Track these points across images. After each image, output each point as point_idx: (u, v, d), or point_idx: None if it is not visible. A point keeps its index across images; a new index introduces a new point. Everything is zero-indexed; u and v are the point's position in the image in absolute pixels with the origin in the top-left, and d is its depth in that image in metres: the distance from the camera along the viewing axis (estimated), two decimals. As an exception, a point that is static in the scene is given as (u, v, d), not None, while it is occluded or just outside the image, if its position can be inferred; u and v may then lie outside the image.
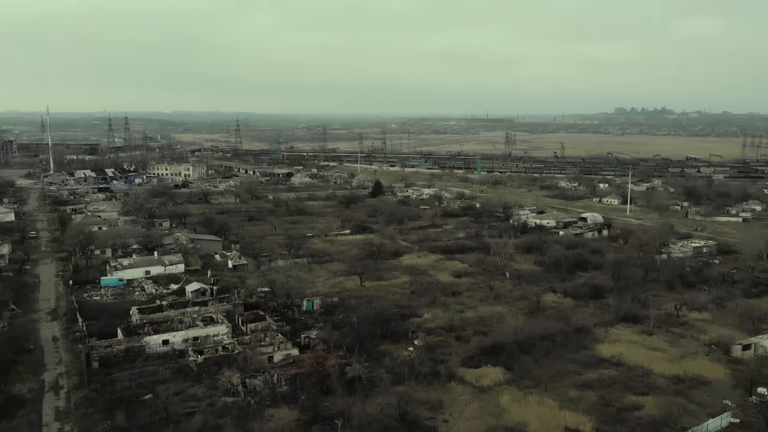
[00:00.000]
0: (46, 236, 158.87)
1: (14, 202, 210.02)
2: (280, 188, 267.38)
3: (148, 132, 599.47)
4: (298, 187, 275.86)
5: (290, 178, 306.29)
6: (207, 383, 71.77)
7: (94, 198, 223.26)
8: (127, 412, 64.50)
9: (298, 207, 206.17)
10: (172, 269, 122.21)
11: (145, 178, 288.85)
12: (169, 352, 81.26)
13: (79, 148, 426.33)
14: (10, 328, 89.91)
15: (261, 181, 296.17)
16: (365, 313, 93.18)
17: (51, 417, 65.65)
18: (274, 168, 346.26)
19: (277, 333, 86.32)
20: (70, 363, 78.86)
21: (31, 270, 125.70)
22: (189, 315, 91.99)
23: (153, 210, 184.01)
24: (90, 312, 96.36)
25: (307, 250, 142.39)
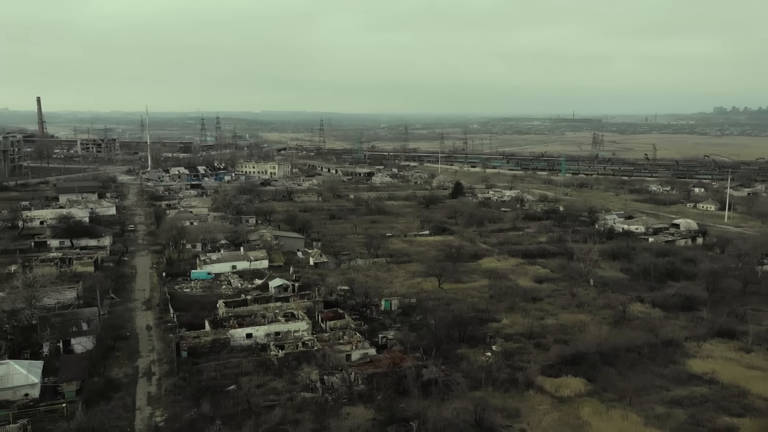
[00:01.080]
0: (143, 230, 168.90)
1: (116, 196, 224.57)
2: (361, 187, 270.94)
3: (237, 131, 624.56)
4: (379, 186, 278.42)
5: (371, 178, 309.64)
6: (287, 378, 73.87)
7: (186, 194, 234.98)
8: (212, 401, 67.49)
9: (378, 206, 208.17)
10: (257, 265, 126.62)
11: (233, 176, 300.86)
12: (252, 345, 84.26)
13: (174, 146, 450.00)
14: (109, 315, 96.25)
15: (343, 180, 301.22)
16: (443, 316, 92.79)
17: (144, 401, 69.81)
18: (356, 167, 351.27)
19: (355, 332, 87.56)
20: (162, 351, 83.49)
21: (128, 261, 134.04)
22: (271, 310, 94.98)
23: (240, 207, 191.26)
24: (181, 303, 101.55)
25: (386, 250, 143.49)
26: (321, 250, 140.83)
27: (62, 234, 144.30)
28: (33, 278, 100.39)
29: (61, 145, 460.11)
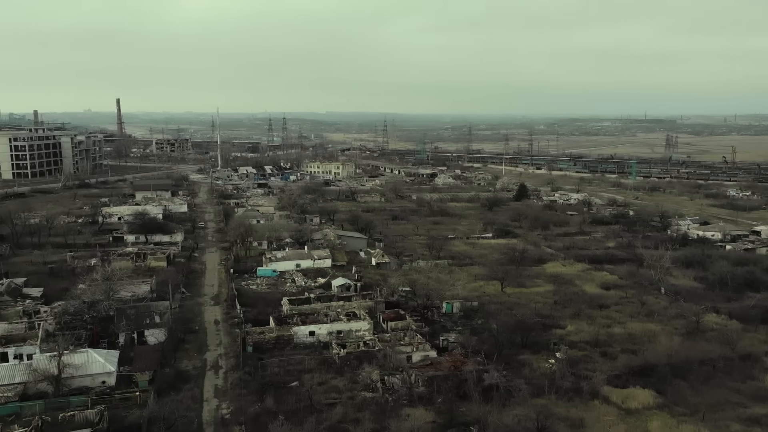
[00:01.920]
0: (212, 227, 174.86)
1: (187, 194, 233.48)
2: (423, 188, 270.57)
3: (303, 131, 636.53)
4: (442, 187, 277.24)
5: (434, 179, 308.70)
6: (348, 376, 74.74)
7: (253, 193, 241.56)
8: (276, 396, 69.18)
9: (440, 208, 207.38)
10: (320, 263, 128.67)
11: (299, 175, 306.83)
12: (314, 343, 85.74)
13: (243, 146, 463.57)
14: (180, 309, 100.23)
15: (405, 180, 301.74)
16: (505, 320, 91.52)
17: (211, 394, 72.31)
18: (419, 168, 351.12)
19: (416, 333, 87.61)
20: (229, 346, 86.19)
21: (199, 257, 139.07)
22: (334, 309, 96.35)
23: (305, 206, 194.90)
24: (247, 299, 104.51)
25: (448, 252, 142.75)
26: (383, 250, 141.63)
27: (138, 230, 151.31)
28: (111, 271, 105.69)
29: (138, 145, 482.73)
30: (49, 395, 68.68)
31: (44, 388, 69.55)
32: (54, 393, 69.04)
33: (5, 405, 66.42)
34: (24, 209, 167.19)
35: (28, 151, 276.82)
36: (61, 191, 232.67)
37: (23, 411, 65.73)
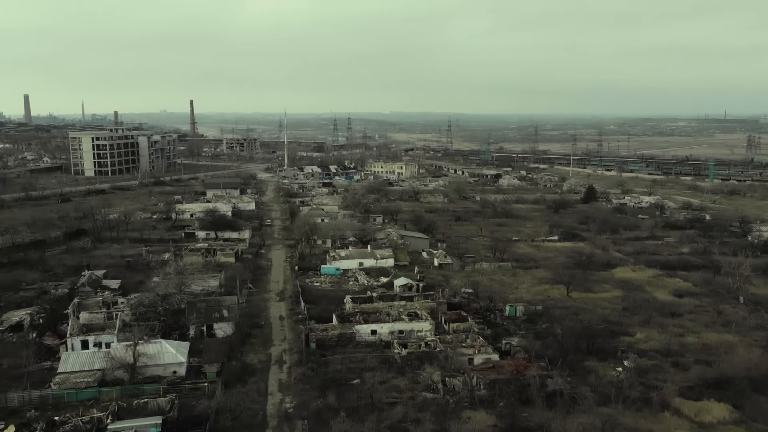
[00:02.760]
0: (278, 225, 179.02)
1: (255, 193, 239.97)
2: (487, 189, 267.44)
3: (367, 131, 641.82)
4: (506, 189, 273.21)
5: (498, 180, 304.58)
6: (409, 376, 74.88)
7: (318, 192, 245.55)
8: (338, 393, 70.11)
9: (504, 209, 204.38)
10: (383, 263, 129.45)
11: (362, 175, 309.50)
12: (376, 341, 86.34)
13: (309, 146, 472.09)
14: (247, 304, 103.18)
15: (469, 181, 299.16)
16: (571, 326, 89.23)
17: (275, 387, 74.11)
18: (483, 169, 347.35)
19: (478, 336, 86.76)
20: (292, 341, 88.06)
21: (265, 254, 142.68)
22: (396, 308, 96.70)
23: (368, 205, 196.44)
24: (311, 296, 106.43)
25: (512, 254, 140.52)
26: (446, 251, 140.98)
27: (208, 226, 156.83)
28: (183, 266, 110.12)
29: (209, 144, 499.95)
30: (124, 382, 72.28)
31: (120, 375, 73.24)
32: (129, 380, 72.60)
33: (85, 390, 70.36)
34: (104, 205, 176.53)
35: (108, 150, 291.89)
36: (137, 188, 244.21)
37: (101, 396, 69.47)
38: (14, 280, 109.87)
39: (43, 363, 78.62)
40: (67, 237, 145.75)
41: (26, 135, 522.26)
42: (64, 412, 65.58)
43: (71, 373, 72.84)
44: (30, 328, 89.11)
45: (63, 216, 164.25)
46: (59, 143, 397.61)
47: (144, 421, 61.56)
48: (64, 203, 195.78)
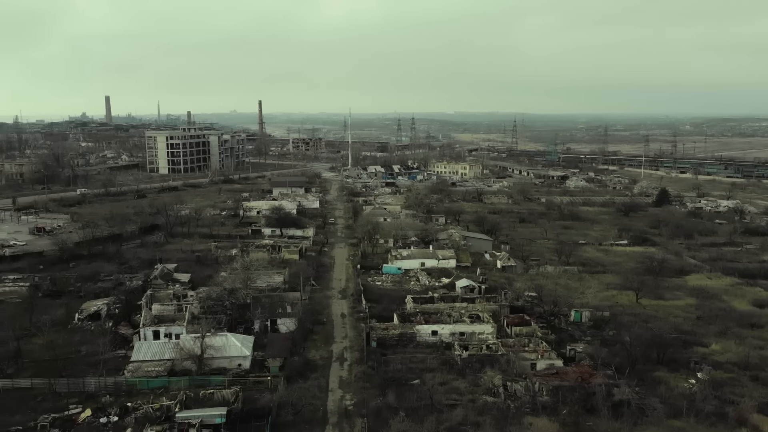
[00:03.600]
0: (341, 223, 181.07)
1: (319, 191, 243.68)
2: (553, 191, 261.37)
3: (431, 131, 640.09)
4: (573, 190, 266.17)
5: (565, 181, 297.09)
6: (470, 379, 74.04)
7: (381, 191, 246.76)
8: (397, 392, 70.11)
9: (571, 212, 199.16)
10: (445, 263, 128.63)
11: (425, 175, 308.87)
12: (437, 342, 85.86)
13: (372, 146, 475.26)
14: (310, 301, 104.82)
15: (534, 182, 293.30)
16: (640, 333, 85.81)
17: (336, 384, 74.91)
18: (549, 170, 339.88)
19: (541, 340, 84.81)
20: (354, 339, 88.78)
21: (328, 252, 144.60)
22: (457, 310, 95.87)
23: (431, 205, 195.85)
24: (372, 295, 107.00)
25: (579, 258, 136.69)
26: (509, 253, 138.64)
27: (274, 224, 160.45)
28: (249, 262, 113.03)
29: (276, 144, 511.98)
30: (192, 373, 74.85)
31: (188, 366, 75.90)
32: (196, 371, 75.13)
33: (156, 378, 73.37)
34: (176, 202, 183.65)
35: (181, 148, 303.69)
36: (208, 186, 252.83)
37: (170, 385, 72.21)
38: (93, 271, 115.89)
39: (118, 351, 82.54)
40: (142, 232, 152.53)
41: (107, 134, 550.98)
42: (136, 399, 68.61)
43: (143, 362, 76.09)
44: (107, 318, 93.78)
45: (138, 211, 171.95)
46: (136, 142, 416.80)
47: (210, 411, 63.49)
48: (139, 199, 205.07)
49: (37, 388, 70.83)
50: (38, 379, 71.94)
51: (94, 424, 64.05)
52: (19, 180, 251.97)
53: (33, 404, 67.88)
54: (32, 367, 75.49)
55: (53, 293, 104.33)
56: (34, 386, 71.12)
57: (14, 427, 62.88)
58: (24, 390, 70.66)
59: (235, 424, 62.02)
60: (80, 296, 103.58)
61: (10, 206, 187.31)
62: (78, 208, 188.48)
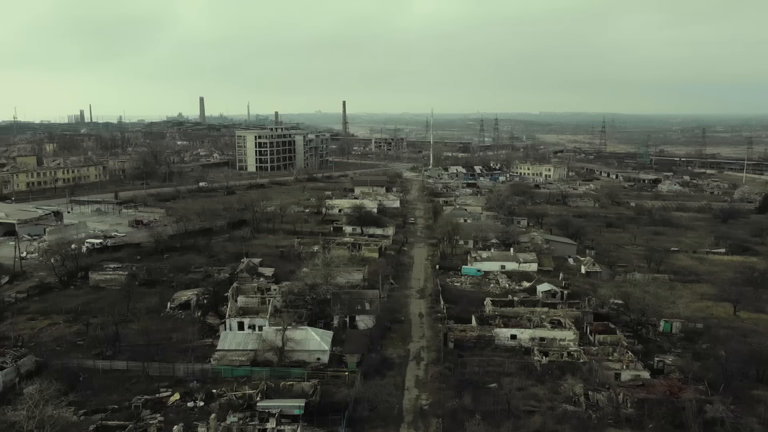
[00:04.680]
0: (421, 223, 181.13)
1: (400, 191, 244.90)
2: (644, 195, 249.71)
3: (514, 132, 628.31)
4: (666, 195, 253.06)
5: (657, 185, 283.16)
6: (549, 386, 72.06)
7: (462, 192, 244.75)
8: (474, 395, 69.29)
9: (663, 217, 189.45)
10: (525, 267, 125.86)
11: (508, 176, 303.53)
12: (515, 347, 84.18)
13: (454, 146, 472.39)
14: (388, 299, 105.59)
15: (623, 186, 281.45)
16: (737, 348, 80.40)
17: (412, 383, 75.02)
18: (640, 173, 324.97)
19: (627, 350, 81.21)
20: (431, 339, 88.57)
21: (407, 251, 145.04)
22: (538, 315, 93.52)
23: (513, 207, 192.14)
24: (450, 296, 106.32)
25: (670, 266, 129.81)
26: (594, 258, 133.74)
27: (355, 222, 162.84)
28: (330, 259, 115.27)
29: (359, 143, 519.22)
30: (273, 364, 77.29)
31: (270, 357, 78.42)
32: (277, 363, 77.51)
33: (239, 368, 76.34)
34: (263, 198, 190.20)
35: (268, 147, 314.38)
36: (293, 184, 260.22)
37: (253, 375, 74.92)
38: (185, 263, 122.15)
39: (205, 339, 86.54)
40: (230, 226, 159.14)
41: (200, 133, 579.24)
42: (221, 386, 71.68)
43: (228, 351, 79.35)
44: (196, 307, 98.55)
45: (227, 207, 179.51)
46: (227, 141, 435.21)
47: (289, 402, 65.32)
48: (228, 195, 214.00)
49: (132, 371, 75.56)
50: (133, 362, 76.73)
51: (182, 408, 67.51)
52: (121, 176, 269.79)
53: (128, 385, 72.43)
54: (128, 351, 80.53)
55: (148, 282, 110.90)
56: (130, 369, 75.92)
57: (111, 406, 67.34)
58: (120, 371, 75.56)
59: (312, 416, 63.48)
60: (172, 286, 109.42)
61: (112, 200, 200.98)
62: (172, 203, 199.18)
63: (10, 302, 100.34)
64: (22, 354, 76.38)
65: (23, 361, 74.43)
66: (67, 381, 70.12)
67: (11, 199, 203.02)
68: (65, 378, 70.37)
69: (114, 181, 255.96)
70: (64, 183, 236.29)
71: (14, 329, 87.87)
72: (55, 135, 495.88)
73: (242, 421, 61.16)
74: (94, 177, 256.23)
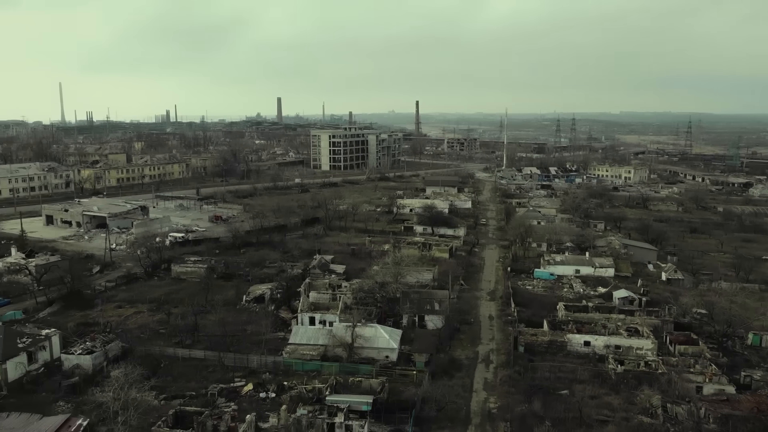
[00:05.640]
0: (493, 225, 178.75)
1: (472, 192, 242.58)
2: (733, 199, 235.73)
3: (592, 133, 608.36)
4: (758, 200, 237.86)
5: (748, 189, 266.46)
6: (624, 396, 69.42)
7: (536, 194, 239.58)
8: (544, 401, 67.75)
9: (754, 223, 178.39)
10: (602, 272, 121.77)
11: (584, 178, 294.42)
12: (589, 354, 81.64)
13: (529, 147, 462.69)
14: (458, 300, 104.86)
15: (710, 189, 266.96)
16: (835, 366, 74.57)
17: (480, 385, 74.24)
18: (729, 176, 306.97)
19: (710, 362, 77.07)
20: (501, 342, 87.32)
21: (478, 253, 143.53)
22: (613, 321, 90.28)
23: (589, 210, 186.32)
24: (522, 299, 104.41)
25: (761, 275, 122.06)
26: (676, 265, 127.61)
27: (425, 221, 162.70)
28: (401, 258, 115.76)
29: (431, 143, 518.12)
30: (342, 360, 78.48)
31: (339, 353, 79.67)
32: (346, 358, 78.63)
33: (310, 362, 78.00)
34: (335, 197, 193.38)
35: (342, 147, 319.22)
36: (365, 183, 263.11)
37: (322, 369, 76.39)
38: (260, 258, 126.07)
39: (278, 333, 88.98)
40: (304, 224, 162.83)
41: (277, 132, 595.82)
42: (292, 379, 73.50)
43: (299, 345, 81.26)
44: (270, 301, 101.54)
45: (301, 205, 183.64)
46: (302, 140, 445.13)
47: (358, 398, 66.11)
48: (303, 193, 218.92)
49: (209, 360, 78.77)
50: (210, 351, 80.00)
51: (255, 398, 69.73)
52: (202, 173, 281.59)
53: (205, 374, 75.57)
54: (205, 341, 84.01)
55: (226, 276, 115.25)
56: (207, 358, 79.19)
57: (189, 392, 70.49)
58: (198, 360, 78.95)
59: (380, 413, 63.98)
60: (248, 280, 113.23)
61: (194, 196, 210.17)
62: (250, 199, 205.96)
63: (100, 290, 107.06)
64: (110, 339, 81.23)
65: (111, 346, 79.17)
66: (150, 367, 74.05)
67: (103, 193, 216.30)
68: (148, 364, 74.32)
69: (196, 178, 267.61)
70: (150, 179, 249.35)
71: (103, 316, 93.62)
72: (143, 134, 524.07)
73: (311, 414, 62.45)
74: (177, 174, 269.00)
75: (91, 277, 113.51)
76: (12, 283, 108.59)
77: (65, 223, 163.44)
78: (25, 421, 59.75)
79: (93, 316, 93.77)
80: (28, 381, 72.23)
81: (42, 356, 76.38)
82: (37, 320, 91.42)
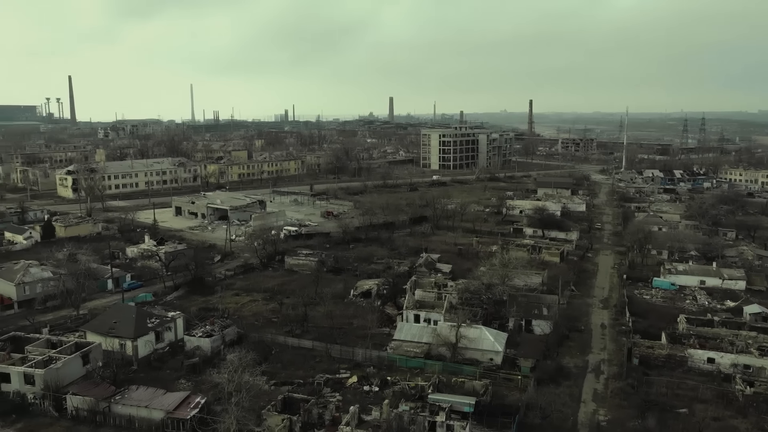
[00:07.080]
0: (609, 229, 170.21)
1: (587, 194, 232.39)
2: None
3: (725, 133, 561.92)
4: None
5: None
6: (753, 420, 63.68)
7: (658, 198, 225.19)
8: (659, 418, 63.59)
9: None
10: (731, 284, 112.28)
11: (714, 183, 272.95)
12: (713, 371, 75.62)
13: (651, 148, 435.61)
14: (568, 306, 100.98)
15: None
16: None
17: (589, 396, 71.04)
18: None
19: None
20: (613, 353, 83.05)
21: (592, 258, 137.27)
22: (743, 339, 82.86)
23: (718, 217, 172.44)
24: (638, 309, 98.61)
25: None
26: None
27: (536, 224, 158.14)
28: (508, 259, 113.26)
29: (544, 144, 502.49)
30: (445, 359, 78.19)
31: (443, 352, 79.44)
32: (450, 358, 78.24)
33: (413, 359, 78.42)
34: (444, 196, 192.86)
35: (452, 146, 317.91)
36: (474, 182, 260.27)
37: (425, 367, 76.54)
38: (368, 254, 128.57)
39: (383, 328, 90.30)
40: (412, 222, 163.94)
41: (388, 131, 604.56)
42: (395, 375, 74.30)
43: (403, 342, 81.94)
44: (376, 297, 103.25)
45: (410, 203, 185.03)
46: (413, 139, 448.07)
47: (460, 399, 65.53)
48: (411, 192, 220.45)
49: (316, 350, 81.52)
50: (318, 342, 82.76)
51: (359, 390, 71.25)
52: (316, 170, 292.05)
53: (312, 363, 78.33)
54: (314, 332, 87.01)
55: (335, 270, 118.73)
56: (314, 348, 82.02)
57: (297, 380, 73.36)
58: (306, 350, 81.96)
59: (482, 415, 63.02)
60: (356, 275, 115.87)
61: (308, 192, 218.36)
62: (360, 196, 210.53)
63: (220, 278, 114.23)
64: (227, 324, 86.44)
65: (228, 331, 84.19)
66: (262, 353, 77.87)
67: (226, 187, 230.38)
68: (260, 350, 78.21)
69: (310, 175, 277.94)
70: (268, 175, 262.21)
71: (222, 302, 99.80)
72: (263, 132, 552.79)
73: (413, 411, 62.74)
74: (293, 170, 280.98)
75: (212, 265, 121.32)
76: (145, 267, 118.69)
77: (191, 214, 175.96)
78: (152, 395, 65.17)
79: (213, 302, 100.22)
80: (155, 358, 78.57)
81: (168, 336, 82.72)
82: (165, 303, 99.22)
